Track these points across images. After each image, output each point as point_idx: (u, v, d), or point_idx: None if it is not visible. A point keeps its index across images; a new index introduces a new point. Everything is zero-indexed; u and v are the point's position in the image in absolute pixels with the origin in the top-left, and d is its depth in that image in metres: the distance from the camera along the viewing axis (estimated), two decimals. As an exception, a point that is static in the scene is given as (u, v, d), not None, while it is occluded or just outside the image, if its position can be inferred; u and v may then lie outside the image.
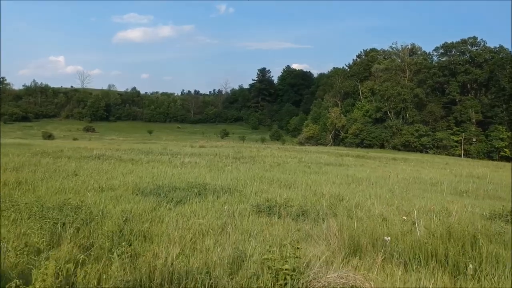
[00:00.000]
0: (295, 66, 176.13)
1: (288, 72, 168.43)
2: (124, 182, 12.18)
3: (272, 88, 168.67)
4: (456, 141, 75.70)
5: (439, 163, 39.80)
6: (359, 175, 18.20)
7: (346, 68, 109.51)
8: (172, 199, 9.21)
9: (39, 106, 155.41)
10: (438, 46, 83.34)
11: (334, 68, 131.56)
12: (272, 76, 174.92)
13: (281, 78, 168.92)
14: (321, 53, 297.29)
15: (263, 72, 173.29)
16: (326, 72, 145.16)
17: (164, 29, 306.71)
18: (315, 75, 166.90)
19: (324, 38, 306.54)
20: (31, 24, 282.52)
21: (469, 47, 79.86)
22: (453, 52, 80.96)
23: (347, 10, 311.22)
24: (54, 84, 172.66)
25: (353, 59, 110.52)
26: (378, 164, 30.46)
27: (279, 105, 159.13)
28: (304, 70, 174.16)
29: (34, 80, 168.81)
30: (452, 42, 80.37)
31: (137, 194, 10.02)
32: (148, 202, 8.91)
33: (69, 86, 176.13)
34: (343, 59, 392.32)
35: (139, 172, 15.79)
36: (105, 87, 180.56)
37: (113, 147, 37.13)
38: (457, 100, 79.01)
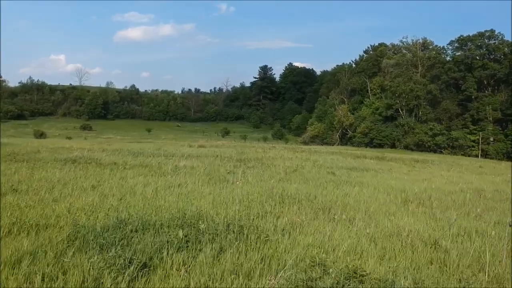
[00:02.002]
0: (297, 64, 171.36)
1: (290, 70, 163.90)
2: (72, 209, 7.64)
3: (274, 86, 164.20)
4: (473, 141, 70.66)
5: (468, 165, 35.18)
6: (410, 188, 13.61)
7: (353, 64, 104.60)
8: (131, 260, 4.61)
9: (35, 104, 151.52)
10: (453, 39, 78.17)
11: (337, 65, 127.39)
12: (274, 74, 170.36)
13: (283, 76, 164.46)
14: (322, 53, 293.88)
15: (264, 69, 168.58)
16: (329, 69, 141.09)
17: (165, 28, 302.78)
18: (318, 73, 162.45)
19: (324, 37, 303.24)
20: (32, 24, 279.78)
21: (486, 40, 74.66)
22: (469, 46, 75.67)
23: (347, 10, 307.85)
24: (54, 82, 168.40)
25: (359, 55, 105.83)
26: (409, 169, 25.85)
27: (281, 103, 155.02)
28: (307, 67, 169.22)
29: (30, 77, 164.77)
30: (469, 35, 75.04)
31: (73, 241, 5.45)
32: (80, 270, 4.33)
33: (68, 84, 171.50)
34: (345, 58, 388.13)
35: (108, 185, 11.25)
36: (104, 85, 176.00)
37: (101, 147, 32.78)
38: (473, 96, 73.79)
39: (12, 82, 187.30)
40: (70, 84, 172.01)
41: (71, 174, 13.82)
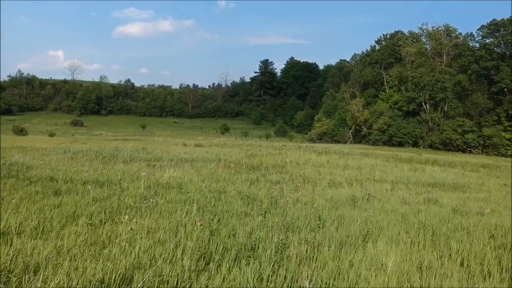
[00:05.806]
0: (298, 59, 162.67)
1: (292, 64, 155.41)
2: None
3: (275, 81, 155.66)
4: (508, 139, 62.11)
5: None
6: None
7: (364, 54, 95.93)
8: None
9: (25, 99, 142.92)
10: (484, 24, 69.19)
11: (341, 60, 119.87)
12: (275, 69, 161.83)
13: (285, 71, 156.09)
14: (321, 49, 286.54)
15: (265, 64, 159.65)
16: (333, 64, 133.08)
17: (164, 24, 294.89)
18: (321, 67, 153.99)
19: (324, 34, 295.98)
20: (31, 20, 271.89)
21: (523, 25, 65.94)
22: (501, 32, 66.80)
23: (347, 8, 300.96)
24: (49, 77, 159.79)
25: (371, 46, 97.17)
26: (503, 182, 17.56)
27: (282, 99, 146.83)
28: (309, 62, 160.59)
29: (19, 71, 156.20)
30: (503, 19, 66.20)
31: None
32: None
33: (63, 79, 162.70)
34: (345, 55, 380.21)
35: None
36: (97, 79, 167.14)
37: (68, 146, 24.90)
38: (508, 89, 64.98)
39: (2, 76, 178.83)
40: (65, 79, 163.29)
41: None
